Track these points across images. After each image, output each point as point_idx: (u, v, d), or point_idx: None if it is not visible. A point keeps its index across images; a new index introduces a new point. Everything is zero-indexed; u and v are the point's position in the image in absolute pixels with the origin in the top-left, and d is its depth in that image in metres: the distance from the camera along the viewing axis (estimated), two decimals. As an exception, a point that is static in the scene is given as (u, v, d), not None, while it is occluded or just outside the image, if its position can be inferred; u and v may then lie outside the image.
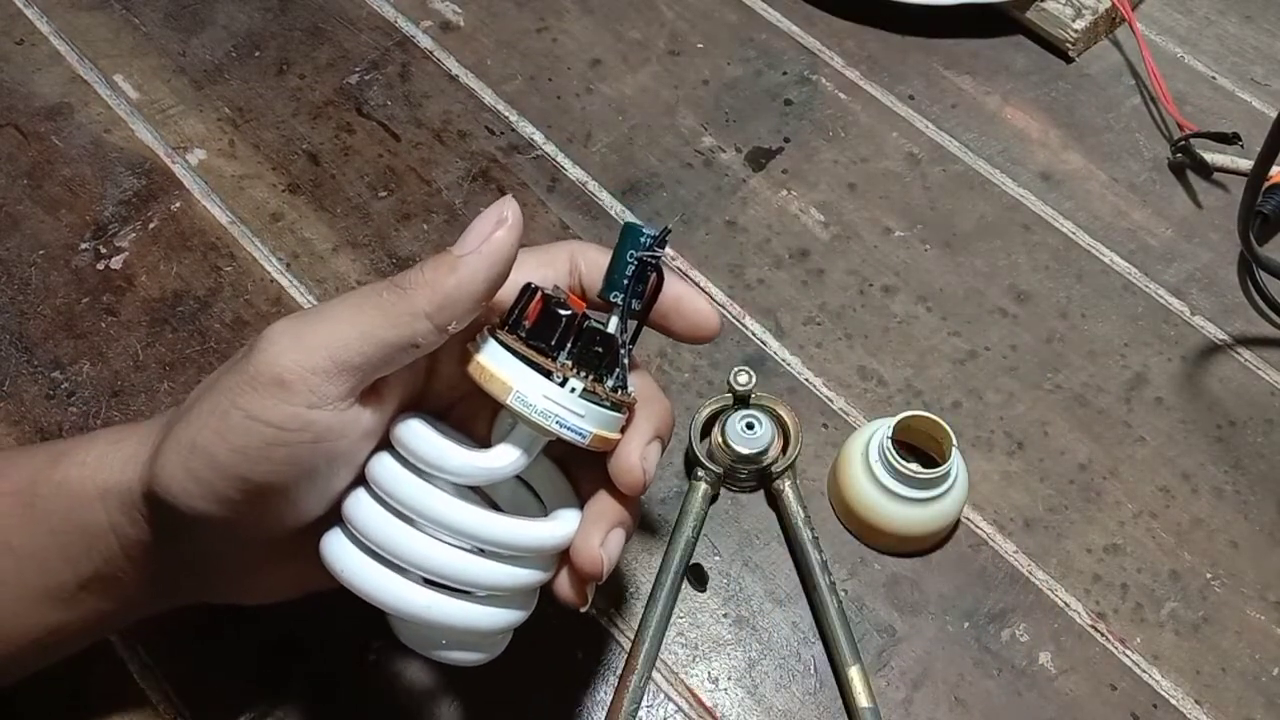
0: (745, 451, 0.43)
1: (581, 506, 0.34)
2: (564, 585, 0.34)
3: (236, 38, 0.59)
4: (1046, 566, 0.44)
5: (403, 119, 0.56)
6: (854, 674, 0.40)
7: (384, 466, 0.33)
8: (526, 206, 0.53)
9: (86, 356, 0.48)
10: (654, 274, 0.33)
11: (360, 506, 0.32)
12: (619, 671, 0.41)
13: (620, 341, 0.32)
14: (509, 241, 0.31)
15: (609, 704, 0.40)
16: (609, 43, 0.60)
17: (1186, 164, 0.56)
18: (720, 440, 0.44)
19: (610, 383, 0.32)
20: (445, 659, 0.34)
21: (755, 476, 0.45)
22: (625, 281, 0.33)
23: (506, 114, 0.57)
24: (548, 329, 0.32)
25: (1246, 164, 0.54)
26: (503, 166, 0.55)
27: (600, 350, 0.32)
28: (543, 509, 0.36)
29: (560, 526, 0.33)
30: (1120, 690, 0.42)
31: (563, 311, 0.32)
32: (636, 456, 0.32)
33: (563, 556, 0.34)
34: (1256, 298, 0.52)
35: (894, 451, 0.42)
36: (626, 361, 0.33)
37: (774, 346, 0.50)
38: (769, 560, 0.44)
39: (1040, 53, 0.60)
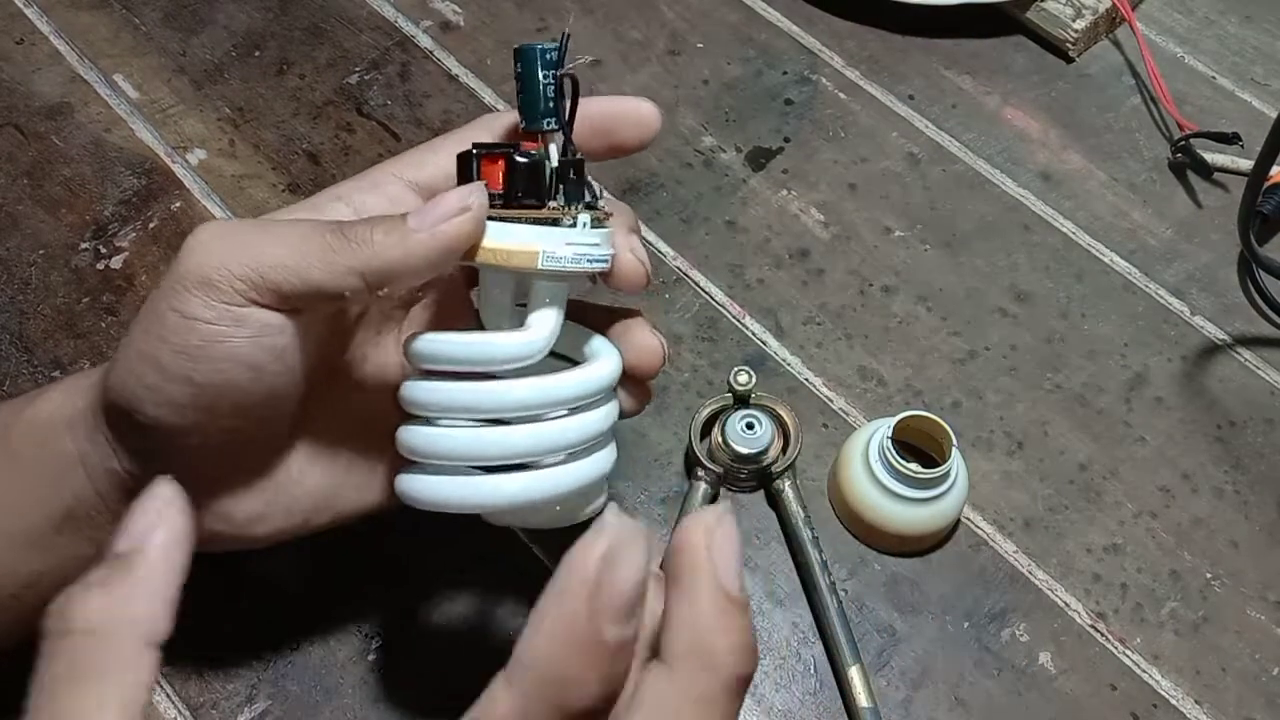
0: (745, 451, 0.43)
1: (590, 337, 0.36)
2: (626, 399, 0.37)
3: (236, 37, 0.59)
4: (1046, 566, 0.44)
5: (403, 119, 0.56)
6: (854, 674, 0.40)
7: (426, 389, 0.32)
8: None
9: (86, 356, 0.48)
10: (571, 86, 0.32)
11: (420, 435, 0.33)
12: (619, 671, 0.41)
13: (581, 160, 0.32)
14: (465, 232, 0.31)
15: (609, 704, 0.40)
16: (609, 43, 0.60)
17: (1186, 164, 0.56)
18: (720, 440, 0.44)
19: (601, 202, 0.33)
20: (571, 521, 0.35)
21: (755, 476, 0.45)
22: (551, 104, 0.32)
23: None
24: (531, 183, 0.31)
25: (1246, 164, 0.54)
26: (503, 166, 0.55)
27: (575, 178, 0.32)
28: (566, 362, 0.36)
29: (612, 357, 0.34)
30: (1120, 690, 0.42)
31: (527, 159, 0.31)
32: (631, 255, 0.34)
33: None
34: (1256, 298, 0.52)
35: (894, 451, 0.42)
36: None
37: (774, 346, 0.50)
38: (769, 560, 0.44)
39: (1040, 53, 0.60)
